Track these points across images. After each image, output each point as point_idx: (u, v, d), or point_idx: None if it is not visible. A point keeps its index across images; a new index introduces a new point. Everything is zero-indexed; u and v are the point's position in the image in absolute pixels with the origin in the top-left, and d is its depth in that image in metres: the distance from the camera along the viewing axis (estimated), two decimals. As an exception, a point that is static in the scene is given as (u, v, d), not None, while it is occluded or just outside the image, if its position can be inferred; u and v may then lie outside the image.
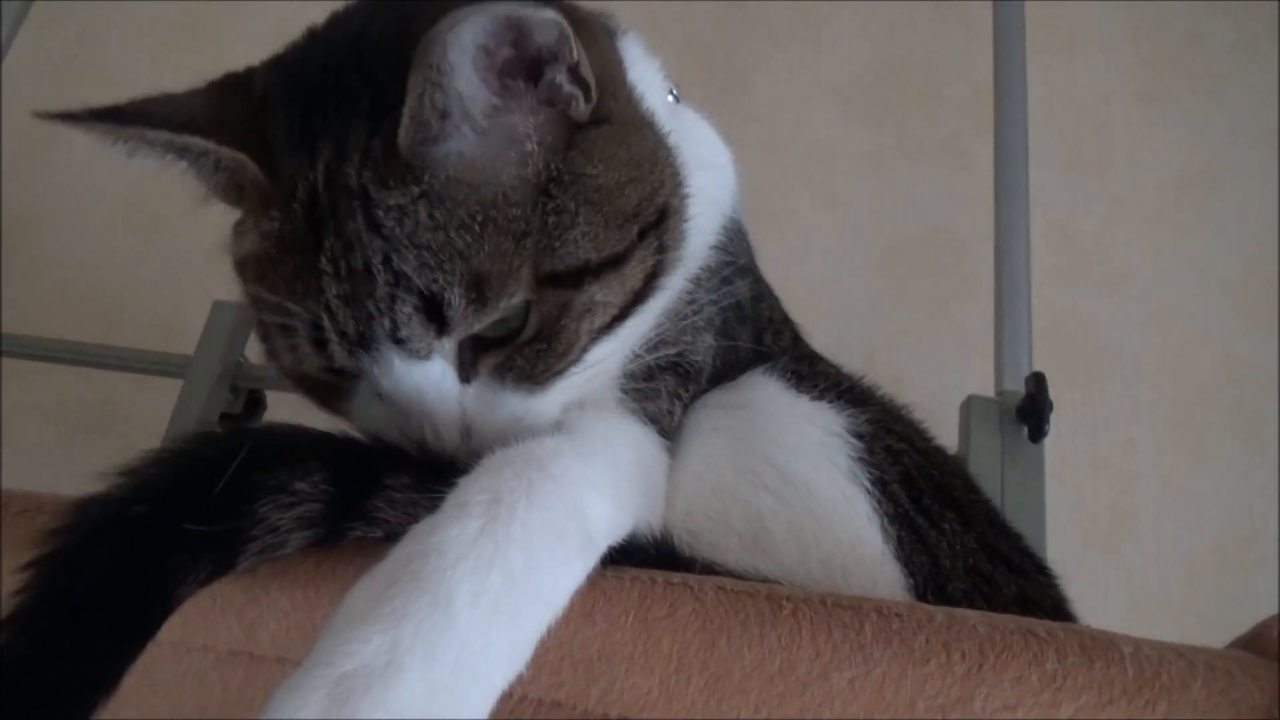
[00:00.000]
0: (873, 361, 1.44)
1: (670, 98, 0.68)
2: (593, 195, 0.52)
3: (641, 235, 0.54)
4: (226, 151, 0.53)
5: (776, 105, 1.57)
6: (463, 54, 0.48)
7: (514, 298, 0.50)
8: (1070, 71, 1.55)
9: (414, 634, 0.37)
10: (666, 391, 0.62)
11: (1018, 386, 1.06)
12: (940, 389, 1.34)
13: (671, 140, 0.59)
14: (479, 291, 0.50)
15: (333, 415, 0.58)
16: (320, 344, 0.52)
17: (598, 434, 0.55)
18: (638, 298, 0.55)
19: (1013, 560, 0.61)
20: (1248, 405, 1.35)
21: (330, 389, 0.57)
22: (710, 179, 0.65)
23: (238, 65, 0.59)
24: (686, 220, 0.58)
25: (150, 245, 1.44)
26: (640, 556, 0.50)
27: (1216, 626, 1.21)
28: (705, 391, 0.66)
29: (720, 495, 0.59)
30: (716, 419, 0.63)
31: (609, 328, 0.54)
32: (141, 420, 1.33)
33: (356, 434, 0.54)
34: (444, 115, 0.49)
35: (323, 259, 0.50)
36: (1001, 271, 1.15)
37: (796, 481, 0.58)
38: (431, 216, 0.49)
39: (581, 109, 0.53)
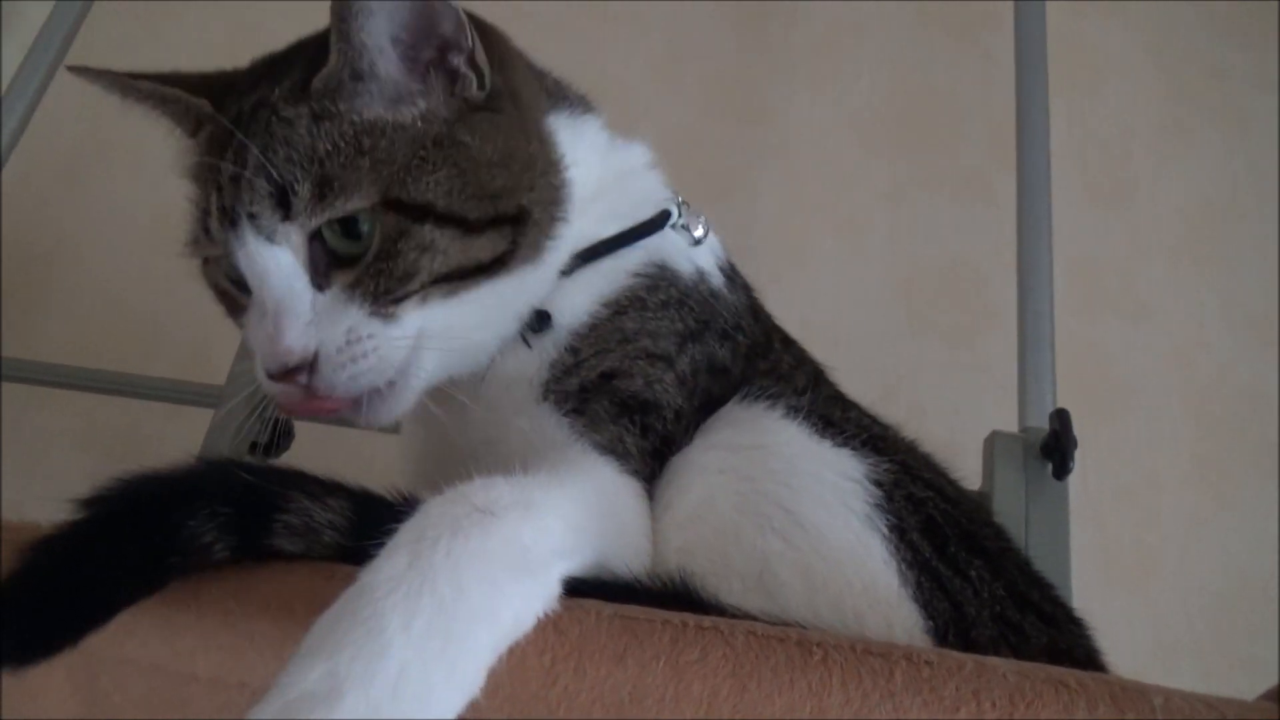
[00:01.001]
0: (893, 394, 1.45)
1: (635, 161, 0.79)
2: (461, 160, 0.62)
3: (496, 221, 0.63)
4: (194, 100, 0.67)
5: (797, 137, 1.58)
6: (379, 33, 0.62)
7: (352, 203, 0.59)
8: (1091, 105, 1.56)
9: (350, 660, 0.41)
10: (609, 418, 0.65)
11: (1041, 422, 1.06)
12: (961, 422, 1.34)
13: (572, 173, 0.70)
14: (324, 190, 0.59)
15: (239, 328, 0.68)
16: (206, 227, 0.63)
17: (543, 470, 0.57)
18: (483, 269, 0.63)
19: (1043, 610, 0.61)
20: (1271, 439, 1.34)
21: (233, 301, 0.67)
22: (622, 213, 0.73)
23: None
24: (549, 236, 0.67)
25: (184, 276, 1.46)
26: (647, 596, 0.51)
27: (1241, 664, 1.21)
28: (679, 439, 0.67)
29: (722, 536, 0.59)
30: (723, 460, 0.64)
31: (451, 280, 0.62)
32: (173, 449, 1.34)
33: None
34: (356, 78, 0.62)
35: (227, 151, 0.62)
36: (1025, 306, 1.15)
37: (806, 524, 0.58)
38: (309, 128, 0.61)
39: (474, 92, 0.65)
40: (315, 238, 0.60)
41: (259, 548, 0.49)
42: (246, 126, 0.62)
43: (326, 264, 0.61)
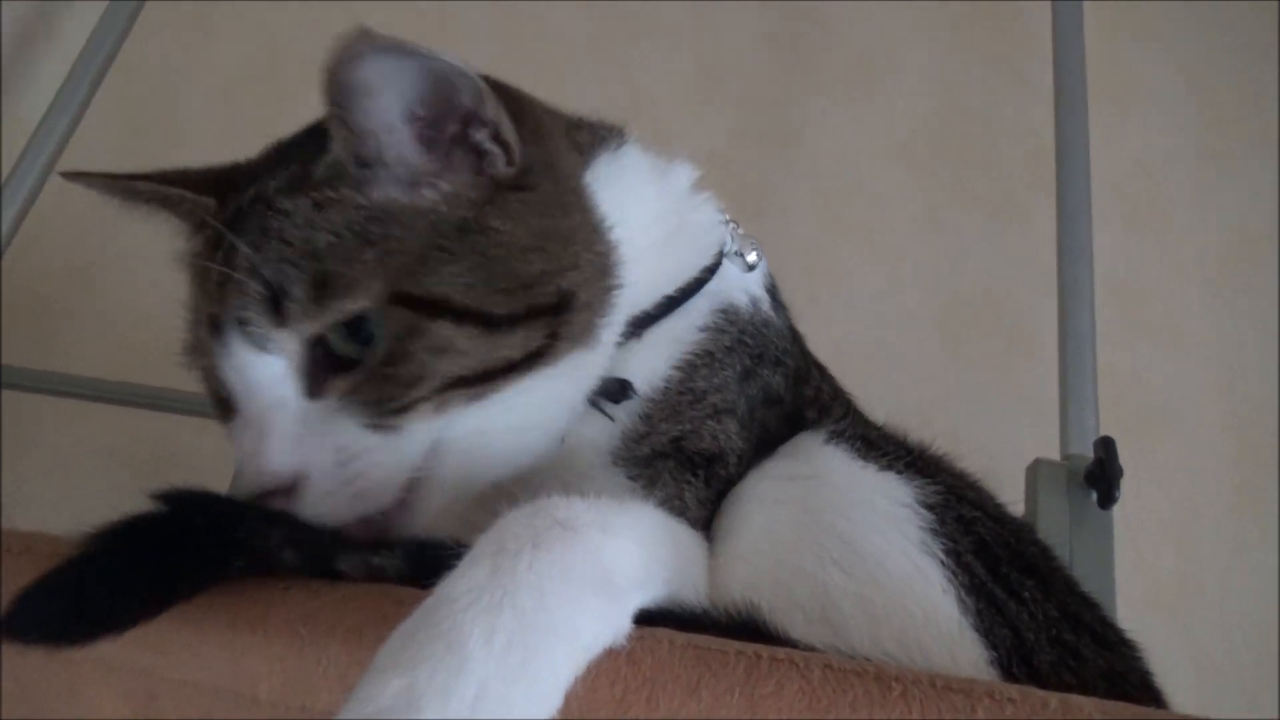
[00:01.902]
0: (929, 421, 1.42)
1: (673, 190, 0.73)
2: (488, 249, 0.56)
3: (533, 313, 0.56)
4: (200, 199, 0.62)
5: (831, 160, 1.58)
6: (385, 112, 0.55)
7: (355, 303, 0.53)
8: (1129, 130, 1.55)
9: (429, 676, 0.39)
10: (671, 477, 0.63)
11: (1084, 450, 1.05)
12: (999, 449, 1.33)
13: (620, 231, 0.63)
14: (322, 290, 0.53)
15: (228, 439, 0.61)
16: (197, 335, 0.58)
17: (612, 499, 0.55)
18: (512, 368, 0.56)
19: (1096, 631, 0.60)
20: (1313, 468, 1.32)
21: (224, 411, 0.60)
22: (685, 260, 0.69)
23: (304, 121, 0.66)
24: (603, 315, 0.61)
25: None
26: (714, 627, 0.51)
27: (1285, 695, 1.18)
28: (739, 476, 0.66)
29: (783, 569, 0.58)
30: (779, 490, 0.63)
31: (470, 384, 0.55)
32: (207, 463, 1.35)
33: None
34: (363, 164, 0.55)
35: (219, 252, 0.56)
36: (1065, 333, 1.14)
37: (864, 554, 0.57)
38: (308, 220, 0.54)
39: (502, 169, 0.59)
40: (317, 342, 0.54)
41: (326, 566, 0.49)
42: (241, 224, 0.57)
43: (325, 370, 0.54)
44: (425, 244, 0.54)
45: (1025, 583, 0.58)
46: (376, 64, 0.54)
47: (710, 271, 0.70)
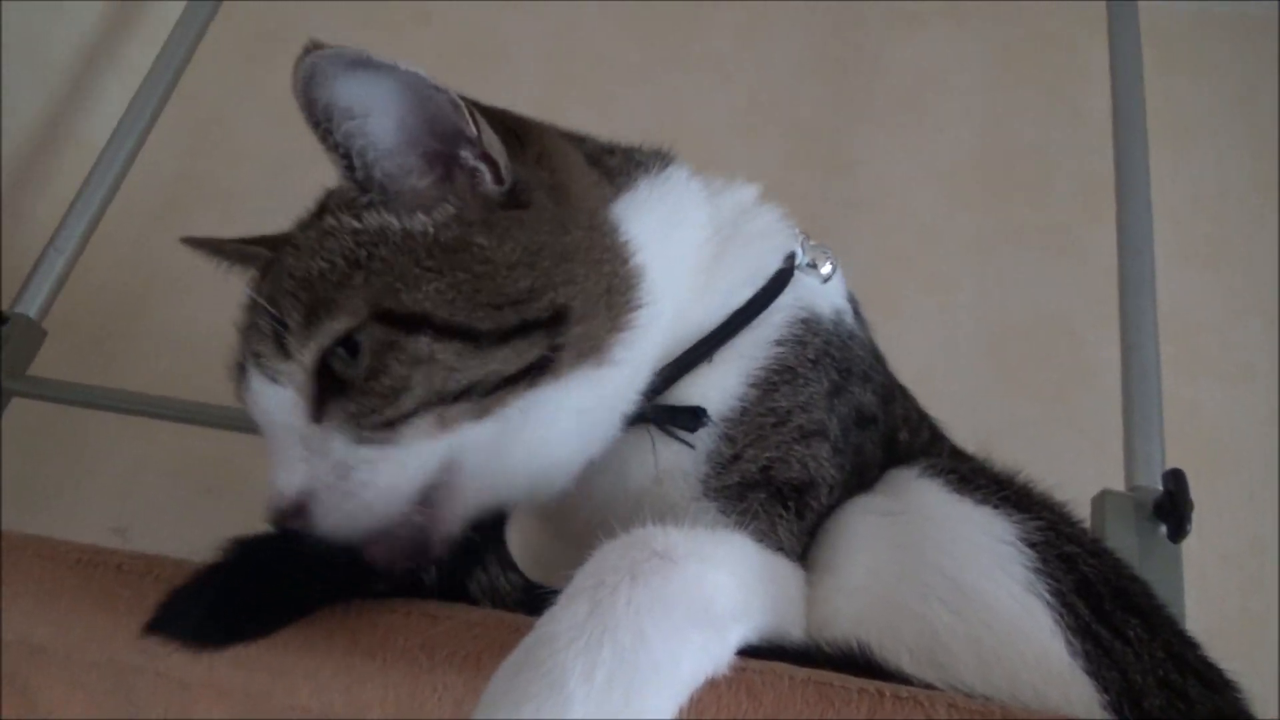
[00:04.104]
0: (984, 450, 1.42)
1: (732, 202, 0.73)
2: (472, 265, 0.56)
3: (525, 327, 0.56)
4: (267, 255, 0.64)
5: (882, 189, 1.58)
6: (367, 132, 0.56)
7: (340, 323, 0.54)
8: (1185, 162, 1.54)
9: (534, 715, 0.40)
10: (764, 510, 0.62)
11: (1149, 482, 1.04)
12: (1056, 481, 1.31)
13: (641, 257, 0.62)
14: (313, 315, 0.55)
15: None
16: (233, 377, 0.60)
17: (708, 530, 0.55)
18: (509, 381, 0.56)
19: (1201, 671, 0.59)
20: (1377, 505, 1.30)
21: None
22: (745, 272, 0.68)
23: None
24: (618, 329, 0.60)
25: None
26: (826, 662, 0.50)
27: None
28: (834, 506, 0.66)
29: (888, 607, 0.58)
30: (878, 527, 0.63)
31: (471, 397, 0.55)
32: (261, 480, 1.36)
33: None
34: (361, 187, 0.57)
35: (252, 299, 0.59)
36: (1129, 364, 1.13)
37: (971, 593, 0.57)
38: (312, 249, 0.57)
39: (489, 186, 0.59)
40: (322, 370, 0.56)
41: (459, 587, 0.49)
42: (269, 269, 0.61)
43: (328, 394, 0.56)
44: (410, 263, 0.56)
45: (1130, 621, 0.57)
46: (350, 82, 0.55)
47: (779, 282, 0.68)
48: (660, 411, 0.64)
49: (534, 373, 0.57)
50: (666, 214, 0.67)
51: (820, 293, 0.71)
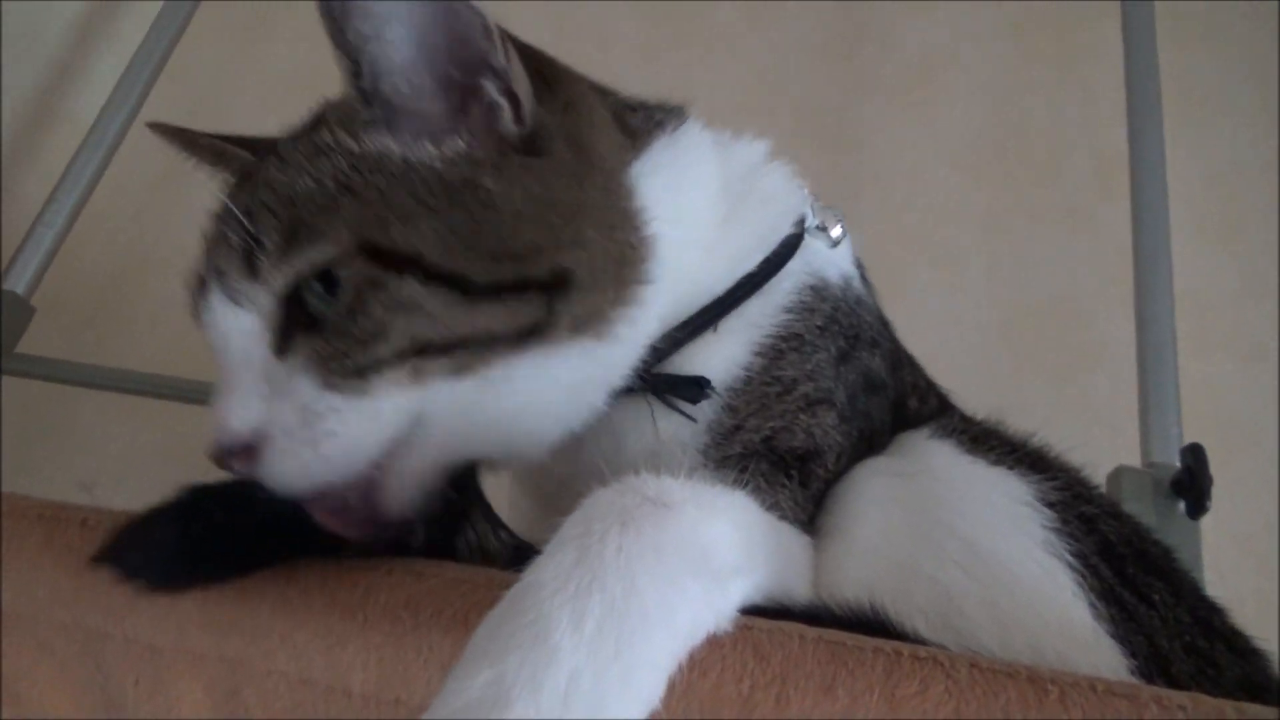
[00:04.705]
0: (995, 428, 1.40)
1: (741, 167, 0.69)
2: (475, 208, 0.51)
3: (522, 286, 0.52)
4: (247, 157, 0.61)
5: (891, 167, 1.55)
6: (384, 38, 0.51)
7: (320, 252, 0.49)
8: (1198, 139, 1.51)
9: (518, 668, 0.37)
10: (765, 480, 0.59)
11: (1167, 459, 1.01)
12: (1069, 457, 1.29)
13: (655, 227, 0.58)
14: (292, 239, 0.50)
15: None
16: (190, 291, 0.55)
17: (708, 484, 0.50)
18: (497, 342, 0.52)
19: (1228, 637, 0.56)
20: (1396, 486, 1.27)
21: None
22: (756, 235, 0.64)
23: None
24: (620, 304, 0.56)
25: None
26: (836, 624, 0.47)
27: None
28: (842, 473, 0.62)
29: (901, 570, 0.55)
30: (889, 488, 0.60)
31: (453, 352, 0.51)
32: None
33: None
34: (366, 101, 0.52)
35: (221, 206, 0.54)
36: (1145, 338, 1.11)
37: (988, 556, 0.54)
38: (300, 167, 0.51)
39: (508, 125, 0.54)
40: (293, 299, 0.51)
41: (447, 544, 0.46)
42: (248, 178, 0.55)
43: (297, 328, 0.51)
44: (408, 197, 0.51)
45: (1154, 585, 0.55)
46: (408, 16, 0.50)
47: (790, 246, 0.65)
48: (661, 381, 0.60)
49: (525, 336, 0.53)
50: (680, 175, 0.63)
51: (829, 258, 0.68)
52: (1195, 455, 0.96)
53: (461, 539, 0.49)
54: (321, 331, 0.50)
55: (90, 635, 0.49)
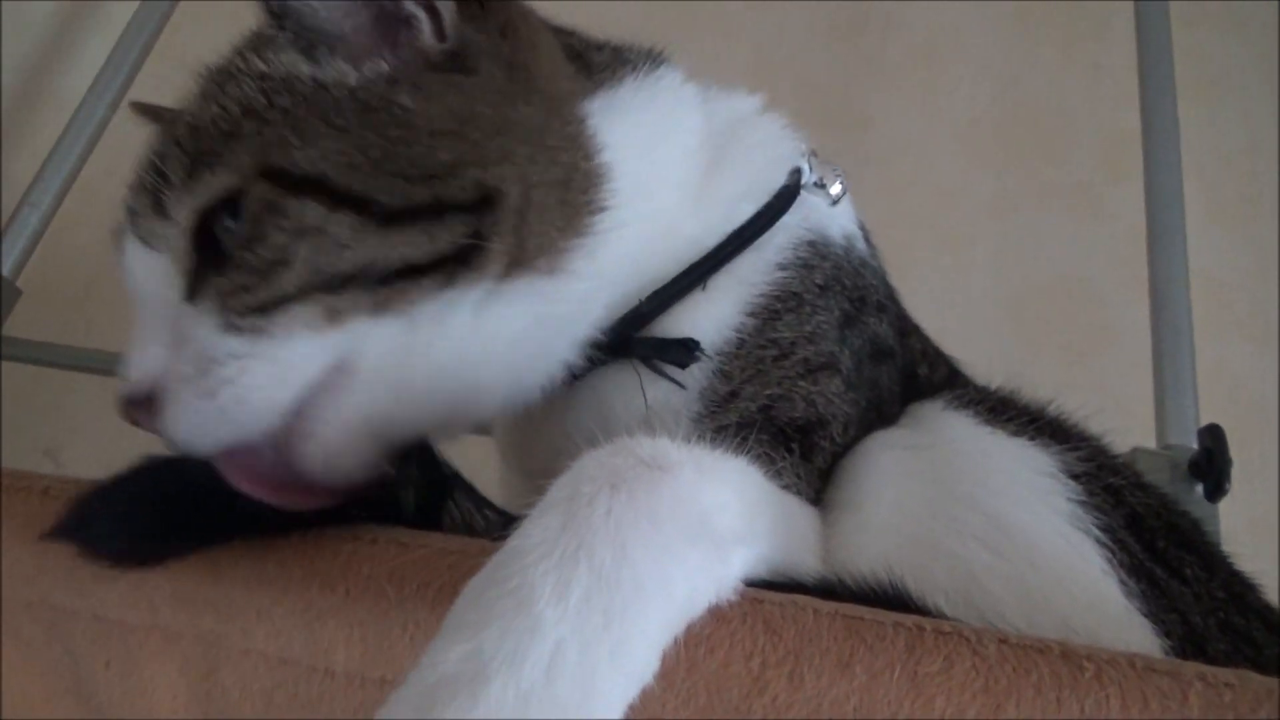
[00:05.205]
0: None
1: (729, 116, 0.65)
2: (389, 127, 0.47)
3: (441, 208, 0.48)
4: None
5: (895, 147, 1.52)
6: None
7: (220, 179, 0.46)
8: (1211, 119, 1.48)
9: (498, 639, 0.34)
10: (765, 454, 0.54)
11: (1184, 440, 0.98)
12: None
13: (605, 157, 0.54)
14: (195, 168, 0.47)
15: None
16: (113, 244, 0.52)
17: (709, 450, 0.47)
18: (418, 272, 0.47)
19: (1264, 614, 0.53)
20: None
21: None
22: (741, 186, 0.60)
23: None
24: (573, 232, 0.51)
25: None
26: (852, 599, 0.44)
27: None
28: (850, 444, 0.59)
29: (919, 547, 0.51)
30: (903, 461, 0.57)
31: (364, 287, 0.46)
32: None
33: None
34: (276, 17, 0.50)
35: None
36: (1160, 319, 1.08)
37: (1011, 530, 0.50)
38: (213, 94, 0.49)
39: (427, 40, 0.50)
40: (205, 238, 0.47)
41: (435, 515, 0.43)
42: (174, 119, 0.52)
43: (209, 268, 0.47)
44: (315, 118, 0.47)
45: (1186, 559, 0.51)
46: None
47: (784, 199, 0.60)
48: (647, 344, 0.56)
49: (452, 267, 0.48)
50: (651, 117, 0.59)
51: (829, 214, 0.64)
52: (1214, 436, 0.93)
53: (446, 518, 0.45)
54: (225, 268, 0.46)
55: (57, 613, 0.46)
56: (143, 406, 0.46)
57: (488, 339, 0.50)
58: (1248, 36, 1.54)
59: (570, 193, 0.52)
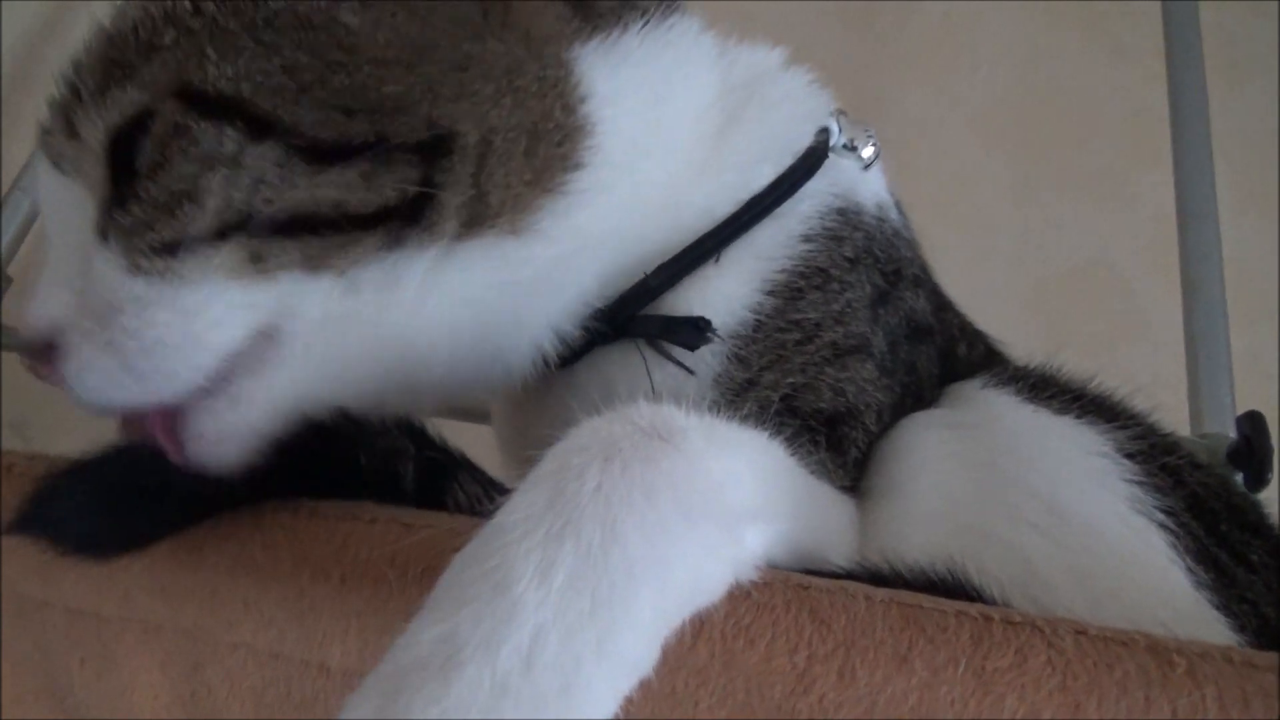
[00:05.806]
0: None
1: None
2: (329, 50, 0.42)
3: (384, 148, 0.42)
4: None
5: (913, 132, 1.49)
6: None
7: (130, 95, 0.41)
8: (1237, 104, 1.44)
9: (473, 623, 0.31)
10: (788, 448, 0.50)
11: (1221, 429, 0.94)
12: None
13: (589, 108, 0.48)
14: (105, 82, 0.42)
15: None
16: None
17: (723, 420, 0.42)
18: (354, 223, 0.42)
19: None
20: None
21: None
22: (759, 148, 0.55)
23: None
24: (543, 186, 0.46)
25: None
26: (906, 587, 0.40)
27: None
28: (881, 434, 0.55)
29: (968, 534, 0.47)
30: (946, 443, 0.52)
31: (293, 233, 0.41)
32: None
33: None
34: None
35: None
36: (1193, 306, 1.04)
37: (1068, 515, 0.46)
38: (145, 5, 0.43)
39: None
40: (123, 165, 0.42)
41: (439, 494, 0.39)
42: None
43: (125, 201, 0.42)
44: (241, 30, 0.41)
45: (1252, 544, 0.48)
46: None
47: (809, 162, 0.54)
48: (652, 323, 0.51)
49: (400, 223, 0.42)
50: (655, 69, 0.53)
51: (861, 179, 0.59)
52: (1254, 423, 0.89)
53: (450, 500, 0.41)
54: (129, 201, 0.41)
55: (25, 604, 0.42)
56: (41, 356, 0.41)
57: (444, 308, 0.45)
58: (1275, 15, 1.51)
59: (540, 143, 0.46)
